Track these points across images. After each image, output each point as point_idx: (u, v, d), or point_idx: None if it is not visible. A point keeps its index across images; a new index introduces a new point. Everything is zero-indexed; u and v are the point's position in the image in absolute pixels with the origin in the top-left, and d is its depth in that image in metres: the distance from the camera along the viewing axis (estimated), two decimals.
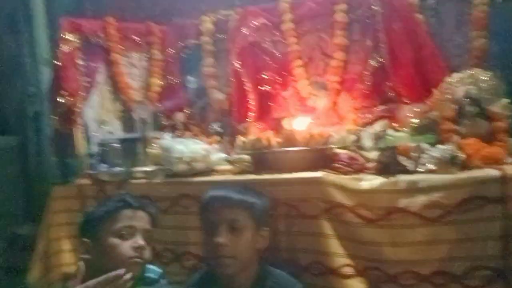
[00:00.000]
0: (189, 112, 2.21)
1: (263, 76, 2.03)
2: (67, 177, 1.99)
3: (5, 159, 2.62)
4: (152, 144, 1.84)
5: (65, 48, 2.00)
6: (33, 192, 2.61)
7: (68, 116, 1.96)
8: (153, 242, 1.33)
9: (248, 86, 2.04)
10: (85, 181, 1.83)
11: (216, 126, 2.07)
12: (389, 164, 1.37)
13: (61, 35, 1.99)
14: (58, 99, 1.93)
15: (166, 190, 1.67)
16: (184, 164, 1.65)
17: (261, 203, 1.30)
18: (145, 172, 1.76)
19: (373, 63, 1.93)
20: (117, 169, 1.81)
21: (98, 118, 2.11)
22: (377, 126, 1.68)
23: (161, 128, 2.10)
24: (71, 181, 1.87)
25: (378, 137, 1.60)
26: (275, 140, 1.56)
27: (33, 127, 2.58)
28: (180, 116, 2.14)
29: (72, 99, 1.95)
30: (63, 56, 1.99)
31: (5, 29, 2.62)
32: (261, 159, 1.60)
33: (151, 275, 1.33)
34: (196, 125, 2.16)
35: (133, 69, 2.24)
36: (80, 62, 2.04)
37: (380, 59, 1.90)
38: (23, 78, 2.54)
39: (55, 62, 2.06)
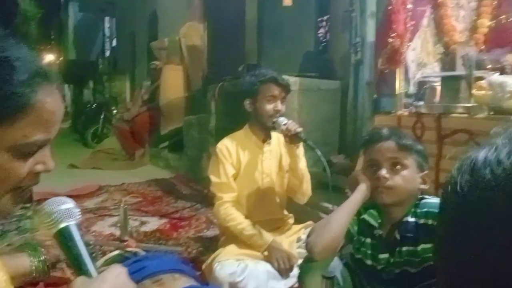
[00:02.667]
0: None
1: None
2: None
3: (328, 100, 3.17)
4: (477, 83, 1.78)
5: None
6: (346, 129, 3.06)
7: (393, 57, 2.15)
8: None
9: None
10: (404, 113, 2.00)
11: None
12: None
13: None
14: (388, 40, 2.14)
15: (489, 126, 1.60)
16: None
17: None
18: (467, 107, 1.74)
19: None
20: (436, 104, 1.88)
21: (418, 60, 2.21)
22: None
23: (485, 70, 1.99)
24: (392, 112, 2.09)
25: None
26: None
27: (354, 73, 2.97)
28: (510, 58, 1.96)
29: (399, 41, 2.12)
30: (395, 1, 2.17)
31: None
32: None
33: None
34: None
35: (460, 11, 2.19)
36: (409, 6, 2.18)
37: None
38: (351, 30, 2.95)
39: (388, 7, 2.26)
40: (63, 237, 0.74)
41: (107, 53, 9.06)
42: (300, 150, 2.02)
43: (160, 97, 4.99)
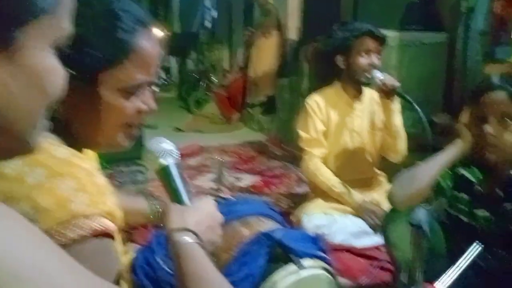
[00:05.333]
0: None
1: None
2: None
3: (432, 54, 2.88)
4: None
5: None
6: (453, 86, 2.77)
7: None
8: None
9: None
10: None
11: None
12: None
13: None
14: None
15: None
16: None
17: None
18: None
19: None
20: None
21: None
22: None
23: None
24: (506, 60, 1.83)
25: None
26: None
27: (464, 22, 2.64)
28: None
29: None
30: None
31: None
32: None
33: None
34: None
35: None
36: None
37: None
38: None
39: None
40: (164, 173, 0.83)
41: (207, 24, 9.45)
42: (396, 106, 1.91)
43: (251, 65, 5.07)
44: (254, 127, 4.96)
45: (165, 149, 0.83)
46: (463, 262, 0.83)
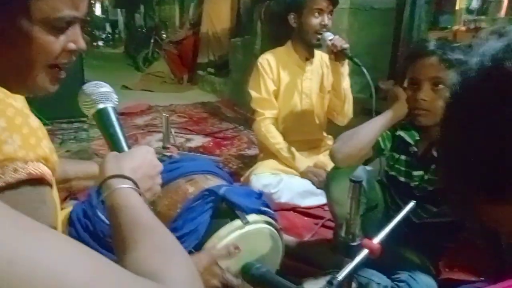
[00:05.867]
0: None
1: None
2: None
3: (381, 20, 2.93)
4: None
5: None
6: (398, 54, 2.85)
7: None
8: None
9: None
10: (461, 28, 1.83)
11: None
12: None
13: None
14: None
15: None
16: None
17: None
18: None
19: None
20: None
21: None
22: None
23: None
24: (447, 28, 1.91)
25: None
26: None
27: None
28: None
29: None
30: None
31: None
32: None
33: None
34: None
35: None
36: None
37: None
38: None
39: None
40: (101, 117, 0.79)
41: None
42: (345, 68, 1.94)
43: (204, 21, 4.87)
44: (206, 89, 4.87)
45: (103, 92, 0.79)
46: (399, 218, 0.88)
